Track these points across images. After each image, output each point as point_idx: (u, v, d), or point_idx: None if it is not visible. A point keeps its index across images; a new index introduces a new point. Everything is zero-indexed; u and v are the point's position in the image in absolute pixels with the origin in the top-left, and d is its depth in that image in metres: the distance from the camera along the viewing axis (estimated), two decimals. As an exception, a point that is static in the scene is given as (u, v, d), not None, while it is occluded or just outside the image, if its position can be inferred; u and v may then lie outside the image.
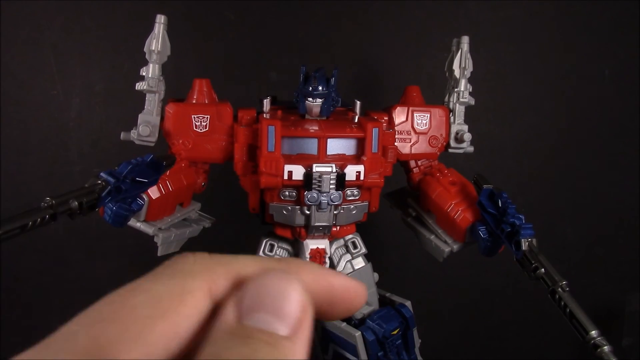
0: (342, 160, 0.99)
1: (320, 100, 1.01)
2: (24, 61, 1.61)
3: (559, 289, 0.85)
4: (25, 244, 1.66)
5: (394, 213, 1.23)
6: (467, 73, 1.15)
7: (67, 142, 1.67)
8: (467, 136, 1.15)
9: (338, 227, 1.06)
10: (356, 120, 1.05)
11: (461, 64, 1.14)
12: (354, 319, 1.16)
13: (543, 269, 0.88)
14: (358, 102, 1.07)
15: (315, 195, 0.97)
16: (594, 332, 0.79)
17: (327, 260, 1.07)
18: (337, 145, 1.01)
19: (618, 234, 1.92)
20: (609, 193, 1.89)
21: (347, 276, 0.39)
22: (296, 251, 1.12)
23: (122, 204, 0.88)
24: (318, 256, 1.06)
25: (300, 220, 1.02)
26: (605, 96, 1.82)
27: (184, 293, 0.31)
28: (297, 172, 0.96)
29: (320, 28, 1.70)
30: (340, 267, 1.12)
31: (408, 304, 1.18)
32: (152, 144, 1.06)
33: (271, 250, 1.10)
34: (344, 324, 1.14)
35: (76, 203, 0.77)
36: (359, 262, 1.13)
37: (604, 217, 1.90)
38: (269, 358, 0.29)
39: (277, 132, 0.96)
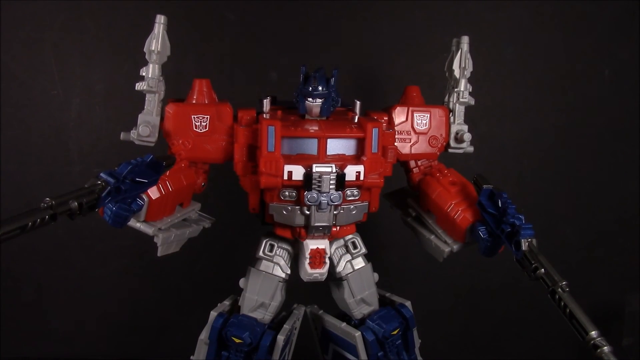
0: (342, 161, 0.99)
1: (320, 100, 1.01)
2: (24, 61, 1.61)
3: (559, 289, 0.85)
4: (25, 244, 1.66)
5: (394, 213, 1.23)
6: (467, 73, 1.15)
7: (67, 142, 1.67)
8: (467, 136, 1.16)
9: (338, 227, 1.05)
10: (356, 120, 1.05)
11: (461, 64, 1.14)
12: (354, 319, 1.16)
13: (543, 269, 0.88)
14: (358, 102, 1.07)
15: (315, 195, 0.97)
16: (594, 333, 0.79)
17: (327, 261, 1.07)
18: (337, 146, 1.00)
19: (618, 234, 1.92)
20: (609, 193, 1.89)
21: None
22: (296, 251, 1.12)
23: (122, 204, 0.88)
24: (318, 256, 1.06)
25: (300, 220, 1.01)
26: (605, 96, 1.82)
27: None
28: (297, 172, 0.96)
29: (320, 28, 1.70)
30: (340, 267, 1.12)
31: (408, 304, 1.18)
32: (152, 144, 1.06)
33: (271, 251, 1.09)
34: (344, 324, 1.14)
35: (76, 203, 0.77)
36: (359, 262, 1.13)
37: (604, 217, 1.90)
38: None
39: (277, 132, 0.96)
